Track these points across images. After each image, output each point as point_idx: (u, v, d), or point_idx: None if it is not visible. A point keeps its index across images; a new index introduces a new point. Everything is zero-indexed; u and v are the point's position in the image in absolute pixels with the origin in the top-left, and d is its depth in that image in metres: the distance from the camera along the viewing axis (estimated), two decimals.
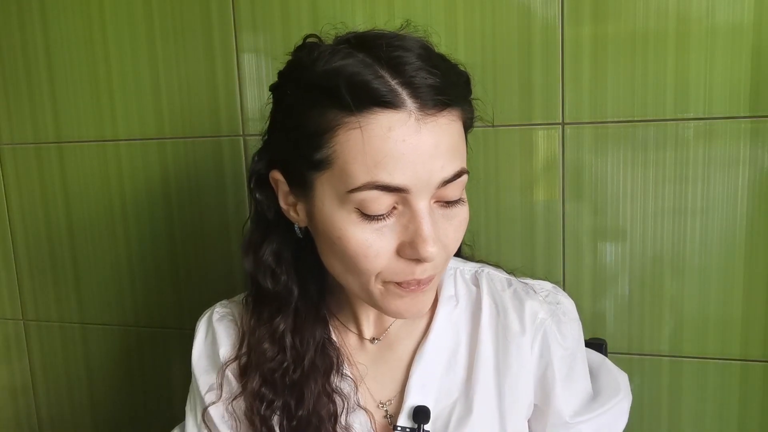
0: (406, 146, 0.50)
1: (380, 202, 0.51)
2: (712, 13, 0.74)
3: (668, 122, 0.78)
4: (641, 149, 0.79)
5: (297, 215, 0.58)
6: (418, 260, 0.52)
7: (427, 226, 0.51)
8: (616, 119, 0.79)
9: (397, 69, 0.51)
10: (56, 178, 1.02)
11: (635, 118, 0.78)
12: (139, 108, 0.95)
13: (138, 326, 1.02)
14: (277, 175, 0.58)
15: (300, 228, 0.60)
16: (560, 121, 0.81)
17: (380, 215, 0.51)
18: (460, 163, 0.53)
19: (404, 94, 0.50)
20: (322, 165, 0.52)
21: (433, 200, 0.53)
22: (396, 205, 0.52)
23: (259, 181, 0.61)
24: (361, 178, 0.50)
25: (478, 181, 0.83)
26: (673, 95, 0.77)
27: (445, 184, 0.52)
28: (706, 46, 0.75)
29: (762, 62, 0.74)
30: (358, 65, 0.51)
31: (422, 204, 0.51)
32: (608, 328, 0.84)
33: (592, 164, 0.81)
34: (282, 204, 0.59)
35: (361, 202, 0.51)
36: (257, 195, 0.61)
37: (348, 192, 0.51)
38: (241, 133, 0.92)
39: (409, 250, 0.52)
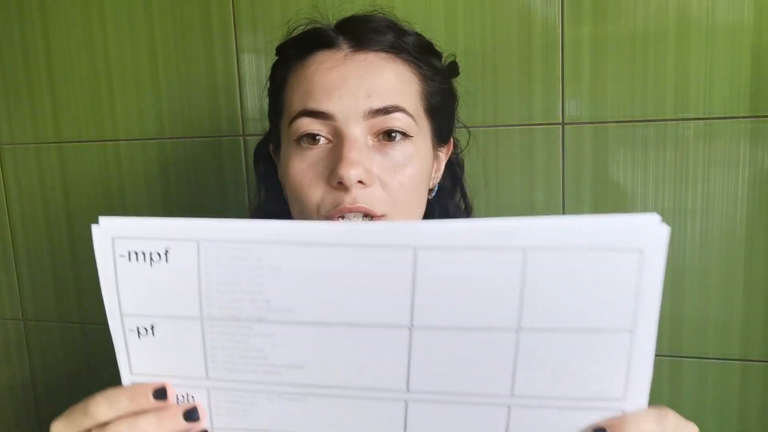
0: (332, 74, 0.55)
1: (311, 128, 0.55)
2: (712, 13, 0.74)
3: (668, 122, 0.78)
4: (641, 149, 0.79)
5: (283, 181, 0.62)
6: (343, 185, 0.53)
7: (348, 148, 0.53)
8: (616, 119, 0.79)
9: (343, 23, 0.59)
10: (56, 178, 1.02)
11: (635, 118, 0.78)
12: (139, 108, 0.95)
13: None
14: (272, 147, 0.65)
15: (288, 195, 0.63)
16: (560, 121, 0.81)
17: (312, 141, 0.55)
18: (396, 100, 0.55)
19: (341, 39, 0.57)
20: (281, 111, 0.59)
21: (370, 135, 0.55)
22: (330, 139, 0.55)
23: (260, 154, 0.69)
24: (296, 108, 0.56)
25: (479, 182, 0.83)
26: (673, 95, 0.77)
27: (376, 116, 0.54)
28: (706, 46, 0.75)
29: (762, 62, 0.74)
30: (310, 29, 0.60)
31: (351, 131, 0.54)
32: None
33: (592, 164, 0.81)
34: (279, 176, 0.64)
35: (296, 132, 0.55)
36: (258, 166, 0.69)
37: (289, 125, 0.56)
38: (241, 133, 0.92)
39: (333, 176, 0.53)
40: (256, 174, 0.70)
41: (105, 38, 0.95)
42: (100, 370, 1.07)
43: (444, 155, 0.65)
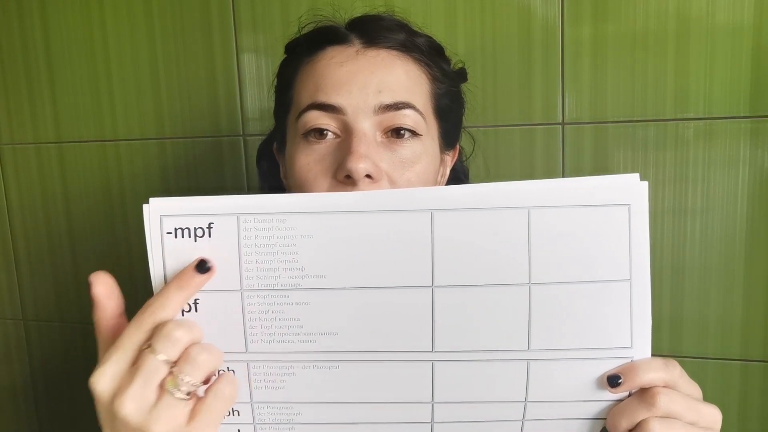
0: (343, 69, 0.55)
1: (319, 122, 0.54)
2: (712, 13, 0.74)
3: (668, 122, 0.78)
4: (641, 149, 0.79)
5: (287, 181, 0.62)
6: (350, 179, 0.52)
7: (357, 142, 0.52)
8: (616, 119, 0.79)
9: (355, 21, 0.59)
10: (56, 178, 1.02)
11: (635, 118, 0.78)
12: (139, 108, 0.95)
13: None
14: (275, 146, 0.64)
15: None
16: (560, 121, 0.81)
17: (320, 136, 0.54)
18: (406, 96, 0.55)
19: (353, 35, 0.57)
20: (288, 106, 0.58)
21: (379, 131, 0.55)
22: (338, 134, 0.55)
23: (263, 152, 0.68)
24: (305, 102, 0.55)
25: (479, 182, 0.83)
26: (673, 95, 0.77)
27: (386, 111, 0.54)
28: (706, 46, 0.75)
29: (762, 62, 0.74)
30: (322, 26, 0.60)
31: (360, 126, 0.53)
32: None
33: (592, 164, 0.81)
34: (282, 176, 0.63)
35: (304, 126, 0.55)
36: (261, 164, 0.69)
37: (297, 119, 0.55)
38: (241, 133, 0.92)
39: (341, 170, 0.52)
40: (258, 173, 0.70)
41: (105, 38, 0.95)
42: None
43: (450, 161, 0.65)
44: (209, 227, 0.43)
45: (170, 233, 0.43)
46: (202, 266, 0.42)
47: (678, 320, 0.81)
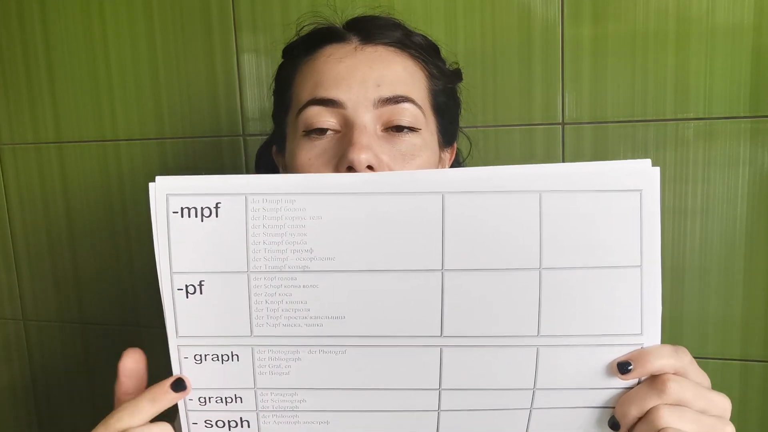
0: (342, 64, 0.55)
1: (319, 117, 0.54)
2: (712, 13, 0.74)
3: (668, 122, 0.78)
4: (641, 149, 0.79)
5: None
6: (352, 170, 0.52)
7: (359, 134, 0.52)
8: (616, 119, 0.79)
9: (352, 21, 0.60)
10: (56, 178, 1.02)
11: (635, 118, 0.78)
12: (139, 108, 0.95)
13: (138, 326, 1.02)
14: (274, 149, 0.64)
15: None
16: (560, 121, 0.81)
17: (320, 133, 0.54)
18: (405, 90, 0.55)
19: (350, 34, 0.58)
20: (287, 106, 0.59)
21: (379, 125, 0.55)
22: (339, 129, 0.55)
23: (262, 157, 0.70)
24: (305, 98, 0.55)
25: None
26: (673, 95, 0.77)
27: (385, 105, 0.54)
28: (706, 46, 0.75)
29: (762, 62, 0.74)
30: (320, 26, 0.61)
31: (360, 119, 0.53)
32: None
33: None
34: None
35: (305, 121, 0.55)
36: (260, 170, 0.70)
37: (297, 116, 0.56)
38: (241, 133, 0.92)
39: (342, 161, 0.52)
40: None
41: (105, 38, 0.95)
42: (99, 371, 1.07)
43: (448, 160, 0.65)
44: (216, 207, 0.42)
45: (176, 212, 0.42)
46: (179, 385, 0.42)
47: (678, 320, 0.81)
